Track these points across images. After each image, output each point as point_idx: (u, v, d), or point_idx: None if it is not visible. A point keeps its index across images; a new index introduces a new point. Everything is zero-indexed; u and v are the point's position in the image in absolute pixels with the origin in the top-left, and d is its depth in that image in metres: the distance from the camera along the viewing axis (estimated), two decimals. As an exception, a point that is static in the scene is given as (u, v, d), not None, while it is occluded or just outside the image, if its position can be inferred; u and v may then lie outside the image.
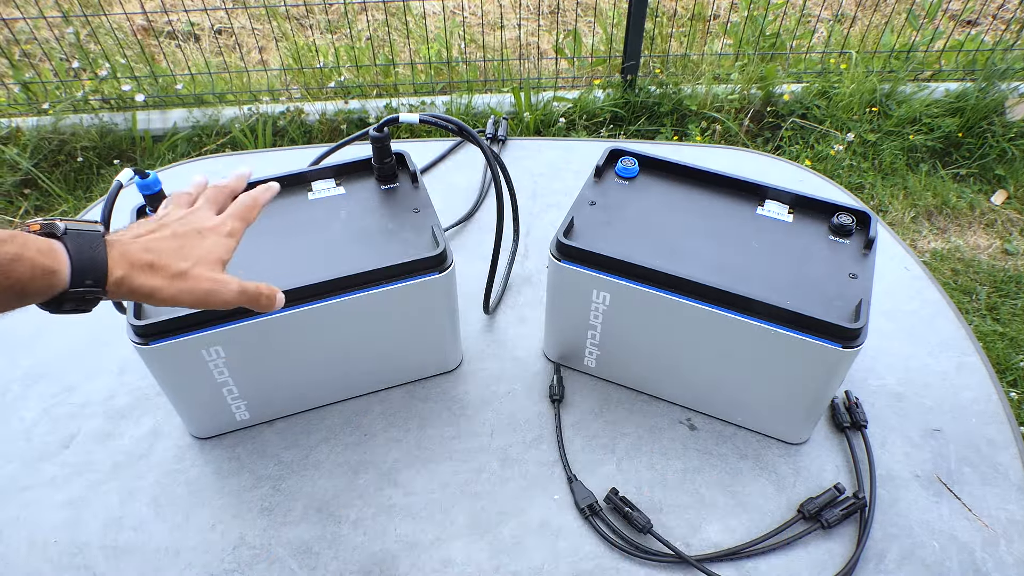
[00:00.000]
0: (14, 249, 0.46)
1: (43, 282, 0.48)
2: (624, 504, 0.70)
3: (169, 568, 0.67)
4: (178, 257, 0.54)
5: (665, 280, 0.68)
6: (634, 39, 2.45)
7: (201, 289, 0.54)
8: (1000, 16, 3.03)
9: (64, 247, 0.49)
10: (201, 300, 0.54)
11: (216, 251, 0.56)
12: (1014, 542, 0.69)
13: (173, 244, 0.55)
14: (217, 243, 0.57)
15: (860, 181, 2.36)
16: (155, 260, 0.53)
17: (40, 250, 0.48)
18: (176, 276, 0.53)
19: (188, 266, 0.54)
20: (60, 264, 0.48)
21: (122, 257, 0.51)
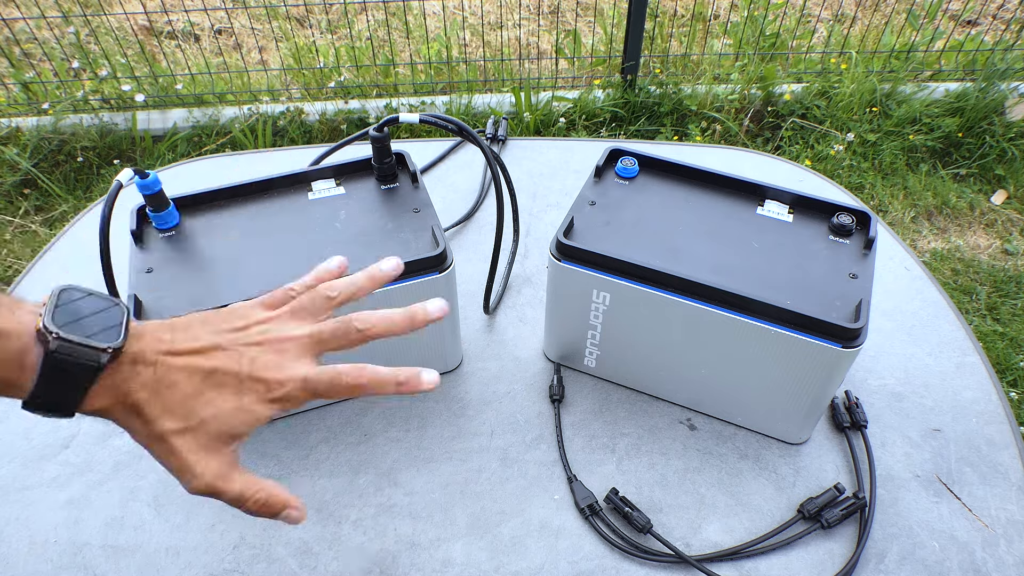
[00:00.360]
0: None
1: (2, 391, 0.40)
2: (624, 504, 0.70)
3: (169, 568, 0.67)
4: (176, 410, 0.43)
5: (665, 280, 0.68)
6: (634, 39, 2.45)
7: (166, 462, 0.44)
8: (1000, 16, 3.03)
9: (40, 364, 0.40)
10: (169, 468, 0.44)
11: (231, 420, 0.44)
12: (1014, 542, 0.69)
13: (191, 387, 0.43)
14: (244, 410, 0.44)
15: (860, 181, 2.36)
16: (146, 407, 0.43)
17: (5, 361, 0.39)
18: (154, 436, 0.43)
19: (175, 428, 0.43)
20: (23, 380, 0.40)
21: (114, 389, 0.42)
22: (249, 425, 0.45)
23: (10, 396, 0.41)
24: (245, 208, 0.76)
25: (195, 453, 0.44)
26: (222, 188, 0.76)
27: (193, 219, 0.74)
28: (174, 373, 0.43)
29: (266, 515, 0.47)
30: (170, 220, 0.72)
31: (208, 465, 0.44)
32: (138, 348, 0.43)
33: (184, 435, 0.43)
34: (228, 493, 0.45)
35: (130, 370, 0.42)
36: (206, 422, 0.44)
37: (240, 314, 0.48)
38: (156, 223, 0.72)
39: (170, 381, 0.43)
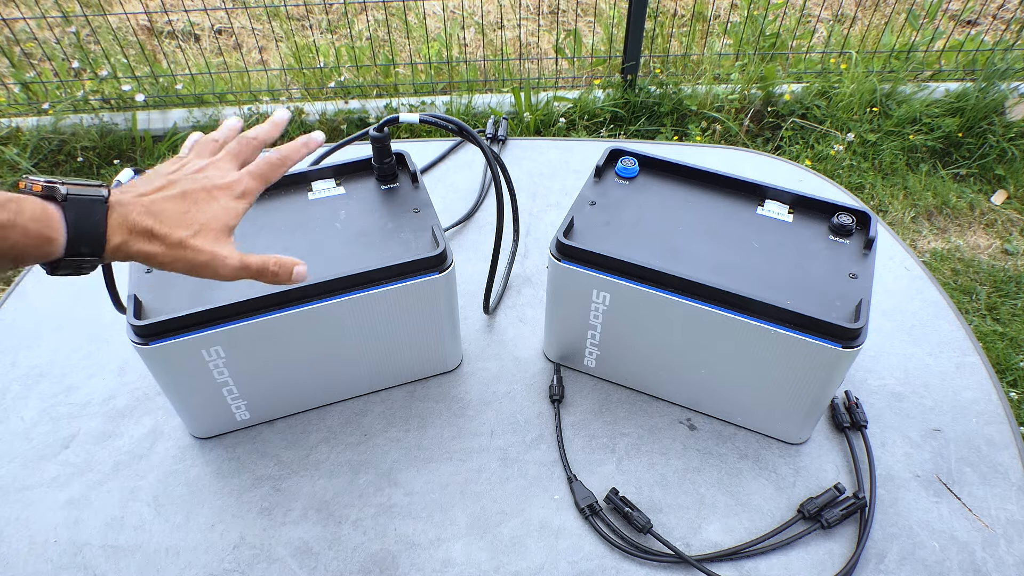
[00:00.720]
0: (6, 216, 0.45)
1: (37, 249, 0.47)
2: (624, 504, 0.70)
3: (169, 568, 0.67)
4: (180, 223, 0.51)
5: (665, 280, 0.68)
6: (634, 39, 2.45)
7: (198, 261, 0.52)
8: (1000, 16, 3.03)
9: (62, 213, 0.48)
10: (197, 272, 0.52)
11: (222, 217, 0.53)
12: (1014, 542, 0.69)
13: (178, 207, 0.52)
14: (226, 207, 0.54)
15: (860, 181, 2.36)
16: (155, 226, 0.51)
17: (35, 216, 0.47)
18: (174, 244, 0.51)
19: (188, 234, 0.51)
20: (55, 232, 0.47)
21: (122, 223, 0.50)
22: (236, 216, 0.54)
23: (47, 253, 0.48)
24: (245, 208, 0.75)
25: (215, 245, 0.52)
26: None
27: (193, 219, 0.74)
28: (158, 204, 0.52)
29: (284, 278, 0.55)
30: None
31: (230, 250, 0.53)
32: (117, 197, 0.51)
33: (198, 236, 0.52)
34: (255, 264, 0.54)
35: (125, 209, 0.50)
36: (206, 223, 0.52)
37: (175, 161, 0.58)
38: (156, 223, 0.72)
39: (159, 209, 0.51)
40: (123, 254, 0.50)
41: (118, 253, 0.50)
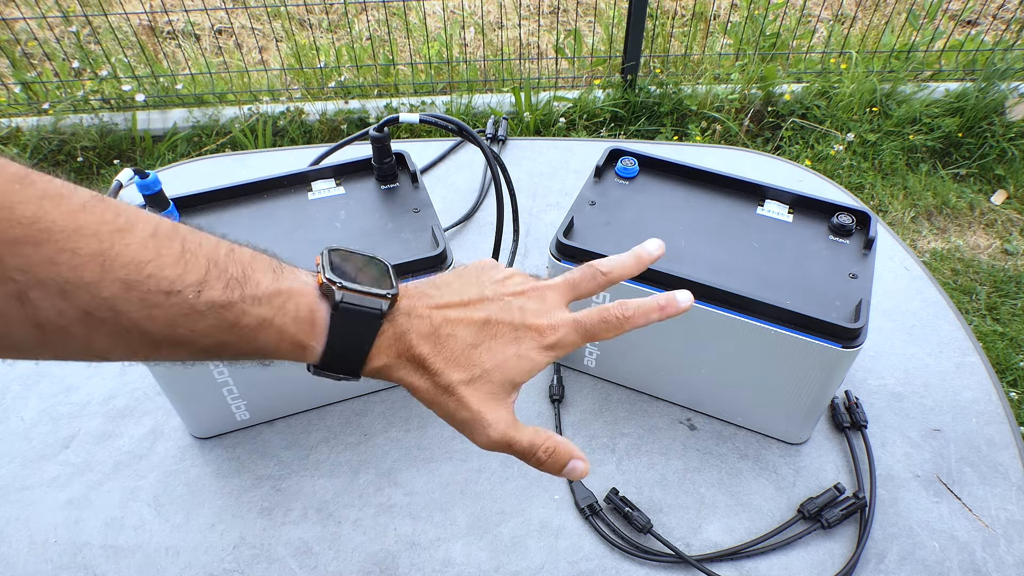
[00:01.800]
0: (267, 313, 0.39)
1: (290, 354, 0.41)
2: (624, 504, 0.70)
3: (169, 568, 0.67)
4: (461, 361, 0.43)
5: (665, 280, 0.68)
6: (634, 39, 2.45)
7: (458, 416, 0.44)
8: (1000, 16, 3.03)
9: (328, 322, 0.41)
10: (453, 423, 0.44)
11: (514, 368, 0.44)
12: (1014, 542, 0.69)
13: (470, 337, 0.43)
14: (523, 356, 0.44)
15: (860, 181, 2.36)
16: (430, 358, 0.42)
17: (298, 318, 0.40)
18: (441, 388, 0.43)
19: (462, 378, 0.43)
20: (314, 341, 0.41)
21: (394, 343, 0.42)
22: (528, 372, 0.45)
23: (302, 358, 0.42)
24: (245, 208, 0.76)
25: (485, 403, 0.44)
26: (222, 188, 0.76)
27: (193, 219, 0.74)
28: (449, 325, 0.43)
29: (551, 468, 0.46)
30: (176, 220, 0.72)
31: (500, 415, 0.44)
32: (408, 303, 0.44)
33: (472, 385, 0.43)
34: (520, 443, 0.45)
35: (406, 322, 0.43)
36: (490, 371, 0.43)
37: (492, 268, 0.49)
38: (156, 223, 0.72)
39: (447, 333, 0.43)
40: (383, 376, 0.44)
41: (378, 374, 0.43)
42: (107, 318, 0.35)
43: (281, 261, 0.43)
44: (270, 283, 0.40)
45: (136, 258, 0.35)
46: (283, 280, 0.41)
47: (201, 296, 0.37)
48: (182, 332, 0.37)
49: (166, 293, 0.36)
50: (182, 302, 0.36)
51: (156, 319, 0.36)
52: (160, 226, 0.37)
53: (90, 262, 0.34)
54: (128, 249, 0.35)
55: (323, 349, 0.41)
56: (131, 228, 0.35)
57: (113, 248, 0.34)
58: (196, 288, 0.37)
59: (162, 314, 0.36)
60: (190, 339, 0.38)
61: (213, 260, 0.38)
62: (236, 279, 0.38)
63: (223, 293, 0.38)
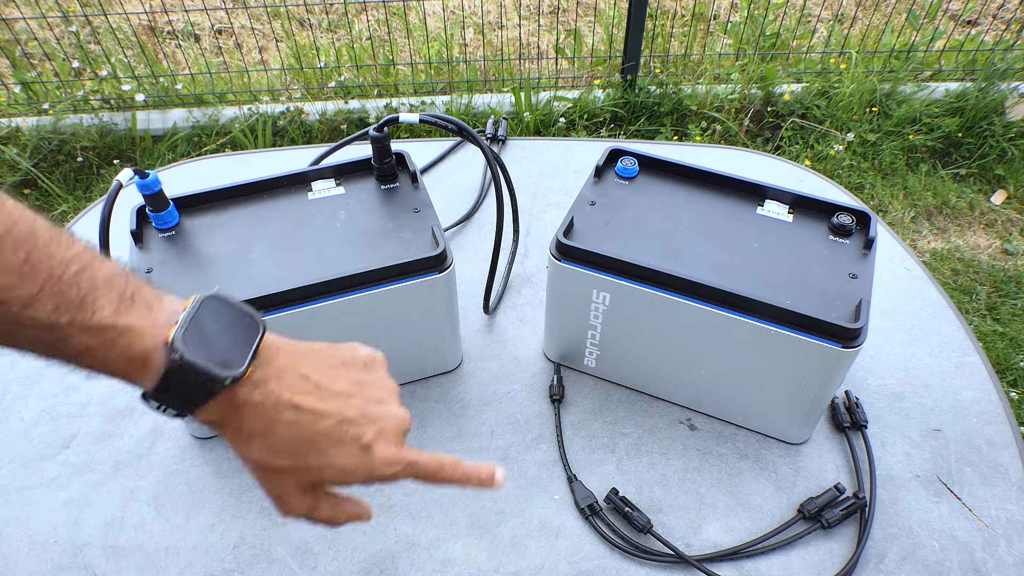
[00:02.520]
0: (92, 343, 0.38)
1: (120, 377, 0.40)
2: (624, 504, 0.70)
3: (169, 568, 0.67)
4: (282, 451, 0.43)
5: (665, 280, 0.68)
6: (634, 39, 2.45)
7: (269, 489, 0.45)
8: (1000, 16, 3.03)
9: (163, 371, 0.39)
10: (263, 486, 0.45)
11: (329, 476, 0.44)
12: (1014, 542, 0.69)
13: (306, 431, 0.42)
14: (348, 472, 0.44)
15: (860, 181, 2.36)
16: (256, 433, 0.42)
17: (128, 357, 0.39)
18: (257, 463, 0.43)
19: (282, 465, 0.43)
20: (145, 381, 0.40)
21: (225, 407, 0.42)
22: (344, 483, 0.45)
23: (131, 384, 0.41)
24: (245, 208, 0.76)
25: (296, 490, 0.44)
26: (222, 188, 0.76)
27: (193, 219, 0.74)
28: (297, 412, 0.42)
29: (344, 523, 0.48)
30: (170, 220, 0.72)
31: (304, 501, 0.45)
32: (262, 375, 0.42)
33: (287, 472, 0.43)
34: (319, 519, 0.46)
35: (249, 395, 0.42)
36: (312, 470, 0.43)
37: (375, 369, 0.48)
38: (156, 223, 0.72)
39: (288, 420, 0.42)
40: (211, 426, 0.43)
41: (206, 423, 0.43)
42: None
43: (143, 288, 0.41)
44: (108, 315, 0.38)
45: None
46: (126, 315, 0.39)
47: (25, 312, 0.36)
48: (4, 336, 0.37)
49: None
50: (4, 311, 0.36)
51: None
52: (15, 228, 0.36)
53: None
54: None
55: (152, 389, 0.40)
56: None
57: None
58: (23, 303, 0.36)
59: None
60: (13, 343, 0.38)
61: (54, 277, 0.37)
62: (71, 302, 0.37)
63: (50, 315, 0.37)
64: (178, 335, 0.40)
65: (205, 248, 0.71)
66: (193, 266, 0.69)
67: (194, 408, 0.41)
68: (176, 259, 0.70)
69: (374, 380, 0.47)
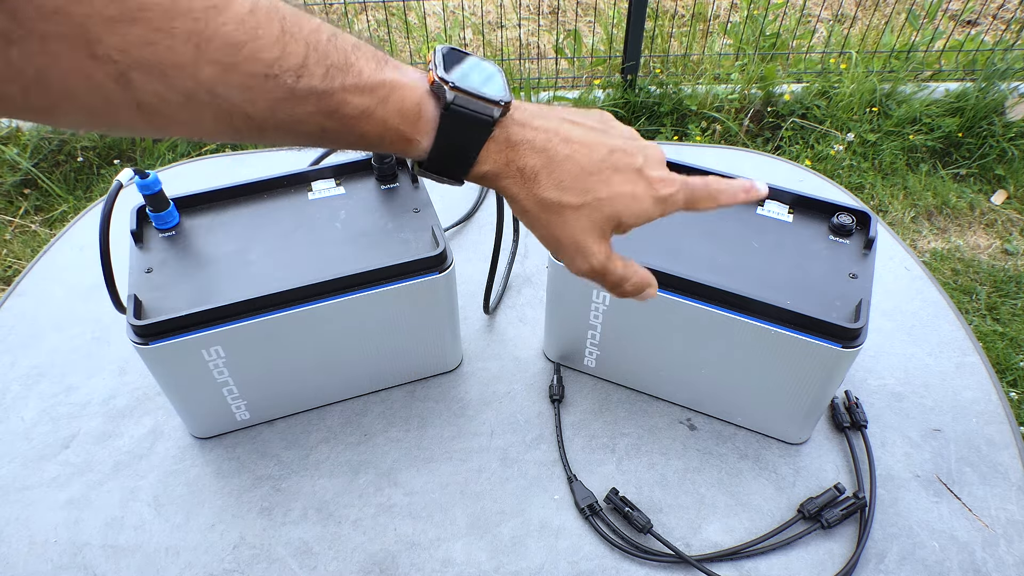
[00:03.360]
0: (369, 103, 0.38)
1: (394, 146, 0.40)
2: (624, 504, 0.70)
3: (169, 568, 0.67)
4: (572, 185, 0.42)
5: (665, 280, 0.68)
6: (634, 39, 2.45)
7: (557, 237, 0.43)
8: (1000, 16, 3.03)
9: (436, 121, 0.40)
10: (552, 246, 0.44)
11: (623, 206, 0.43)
12: (1014, 542, 0.69)
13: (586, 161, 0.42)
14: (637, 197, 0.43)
15: (860, 181, 2.36)
16: (540, 174, 0.41)
17: (403, 111, 0.39)
18: (548, 205, 0.42)
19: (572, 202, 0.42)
20: (420, 136, 0.40)
21: (503, 150, 0.41)
22: (637, 217, 0.44)
23: (405, 153, 0.41)
24: (245, 208, 0.76)
25: (589, 233, 0.43)
26: (222, 188, 0.76)
27: (193, 219, 0.74)
28: (569, 146, 0.42)
29: (631, 295, 0.48)
30: (170, 220, 0.72)
31: (601, 247, 0.44)
32: (523, 115, 0.42)
33: (580, 211, 0.42)
34: (613, 275, 0.46)
35: (521, 132, 0.41)
36: (602, 201, 0.42)
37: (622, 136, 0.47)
38: (156, 223, 0.72)
39: (566, 153, 0.42)
40: (489, 183, 0.43)
41: (484, 180, 0.42)
42: (207, 101, 0.34)
43: (384, 55, 0.41)
44: (372, 72, 0.38)
45: (232, 39, 0.33)
46: (387, 71, 0.39)
47: (300, 82, 0.36)
48: (282, 117, 0.36)
49: (264, 77, 0.35)
50: (281, 86, 0.35)
51: (256, 103, 0.35)
52: (259, 5, 0.35)
53: (185, 43, 0.32)
54: (223, 29, 0.33)
55: (430, 146, 0.40)
56: (227, 4, 0.33)
57: (208, 28, 0.33)
58: (295, 73, 0.35)
59: (261, 98, 0.35)
60: (291, 124, 0.37)
61: (313, 44, 0.36)
62: (337, 66, 0.37)
63: (323, 81, 0.36)
64: (441, 72, 0.40)
65: (205, 248, 0.71)
66: (193, 266, 0.69)
67: (474, 155, 0.41)
68: (176, 259, 0.70)
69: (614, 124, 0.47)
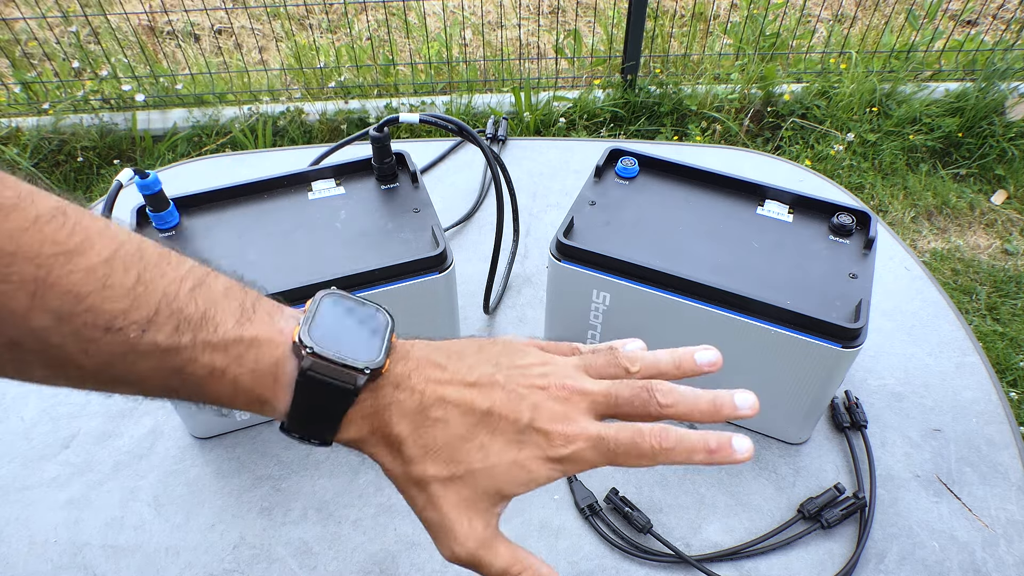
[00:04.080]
0: (220, 362, 0.35)
1: (249, 406, 0.37)
2: (624, 504, 0.70)
3: (169, 568, 0.67)
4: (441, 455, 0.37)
5: (665, 280, 0.68)
6: (634, 39, 2.45)
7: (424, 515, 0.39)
8: (1000, 16, 3.03)
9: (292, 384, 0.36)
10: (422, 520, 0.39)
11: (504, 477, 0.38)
12: (1014, 542, 0.69)
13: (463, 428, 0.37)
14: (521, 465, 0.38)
15: (860, 181, 2.36)
16: (407, 441, 0.37)
17: (256, 372, 0.36)
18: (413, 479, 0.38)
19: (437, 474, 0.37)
20: (278, 399, 0.37)
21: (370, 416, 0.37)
22: (523, 485, 0.38)
23: (263, 413, 0.38)
24: (245, 208, 0.76)
25: (459, 510, 0.38)
26: (222, 188, 0.76)
27: (193, 219, 0.74)
28: (442, 408, 0.37)
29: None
30: (170, 220, 0.72)
31: (473, 528, 0.38)
32: (402, 370, 0.38)
33: (448, 485, 0.37)
34: (491, 568, 0.39)
35: (391, 395, 0.37)
36: (475, 474, 0.37)
37: (520, 349, 0.42)
38: (156, 223, 0.72)
39: (437, 417, 0.37)
40: (359, 448, 0.39)
41: (352, 446, 0.39)
42: (37, 349, 0.32)
43: (262, 298, 0.38)
44: (231, 327, 0.35)
45: (76, 288, 0.31)
46: (250, 326, 0.36)
47: (144, 336, 0.33)
48: (120, 371, 0.33)
49: (104, 329, 0.32)
50: (122, 341, 0.32)
51: (91, 355, 0.32)
52: (122, 250, 0.33)
53: (20, 290, 0.30)
54: (69, 277, 0.31)
55: (287, 409, 0.37)
56: (83, 251, 0.31)
57: (51, 275, 0.31)
58: (140, 327, 0.33)
59: (98, 351, 0.32)
60: (130, 379, 0.34)
61: (170, 296, 0.34)
62: (190, 320, 0.34)
63: (170, 336, 0.33)
64: (304, 331, 0.36)
65: (205, 248, 0.71)
66: (193, 266, 0.69)
67: (336, 421, 0.37)
68: (176, 259, 0.70)
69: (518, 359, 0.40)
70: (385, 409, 0.37)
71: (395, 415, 0.37)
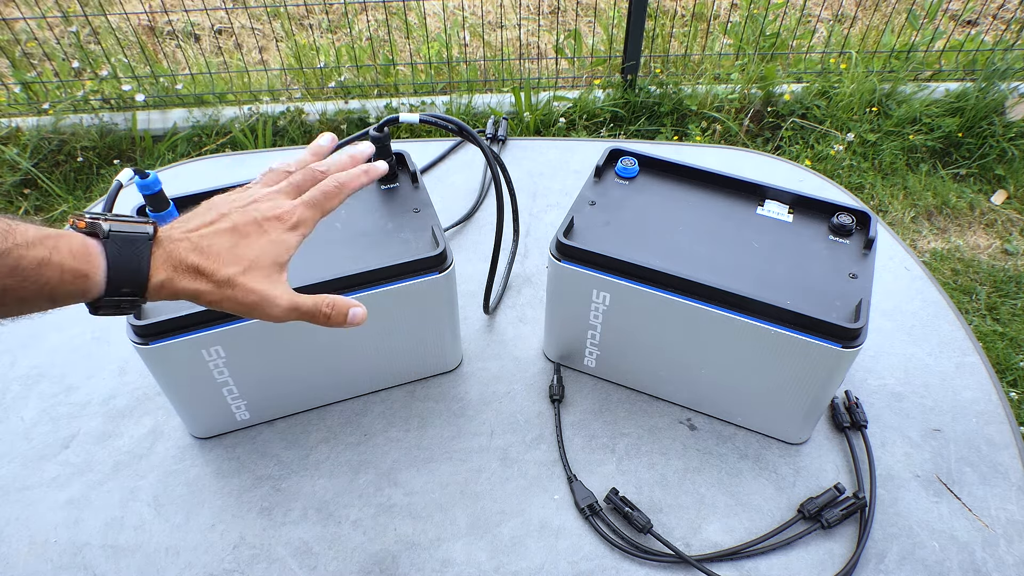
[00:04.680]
0: (42, 253, 0.43)
1: (74, 287, 0.45)
2: (624, 504, 0.70)
3: (169, 568, 0.67)
4: (228, 259, 0.49)
5: (665, 280, 0.68)
6: (634, 39, 2.45)
7: (247, 301, 0.50)
8: (1000, 16, 3.03)
9: (103, 250, 0.46)
10: (246, 313, 0.50)
11: (272, 252, 0.51)
12: (1014, 542, 0.69)
13: (227, 241, 0.49)
14: (277, 241, 0.51)
15: (860, 181, 2.36)
16: (201, 263, 0.48)
17: (73, 252, 0.44)
18: (222, 282, 0.48)
19: (236, 271, 0.49)
20: (94, 269, 0.45)
21: (167, 259, 0.47)
22: (287, 251, 0.52)
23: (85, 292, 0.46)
24: (245, 208, 0.75)
25: (265, 284, 0.50)
26: (222, 188, 0.76)
27: (193, 219, 0.74)
28: (207, 238, 0.49)
29: (337, 320, 0.53)
30: (170, 220, 0.72)
31: (281, 290, 0.51)
32: (166, 232, 0.49)
33: (247, 273, 0.49)
34: (304, 307, 0.52)
35: (171, 245, 0.48)
36: (256, 259, 0.50)
37: (237, 191, 0.55)
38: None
39: (207, 244, 0.49)
40: (168, 292, 0.48)
41: (162, 291, 0.48)
42: None
43: None
44: (35, 232, 0.44)
45: None
46: (48, 229, 0.45)
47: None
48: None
49: None
50: None
51: None
52: None
53: None
54: None
55: (105, 275, 0.45)
56: None
57: None
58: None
59: None
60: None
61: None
62: (2, 231, 0.42)
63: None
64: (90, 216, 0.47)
65: (205, 248, 0.71)
66: (193, 266, 0.69)
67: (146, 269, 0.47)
68: (176, 259, 0.70)
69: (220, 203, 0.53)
70: (174, 252, 0.48)
71: (183, 252, 0.48)
